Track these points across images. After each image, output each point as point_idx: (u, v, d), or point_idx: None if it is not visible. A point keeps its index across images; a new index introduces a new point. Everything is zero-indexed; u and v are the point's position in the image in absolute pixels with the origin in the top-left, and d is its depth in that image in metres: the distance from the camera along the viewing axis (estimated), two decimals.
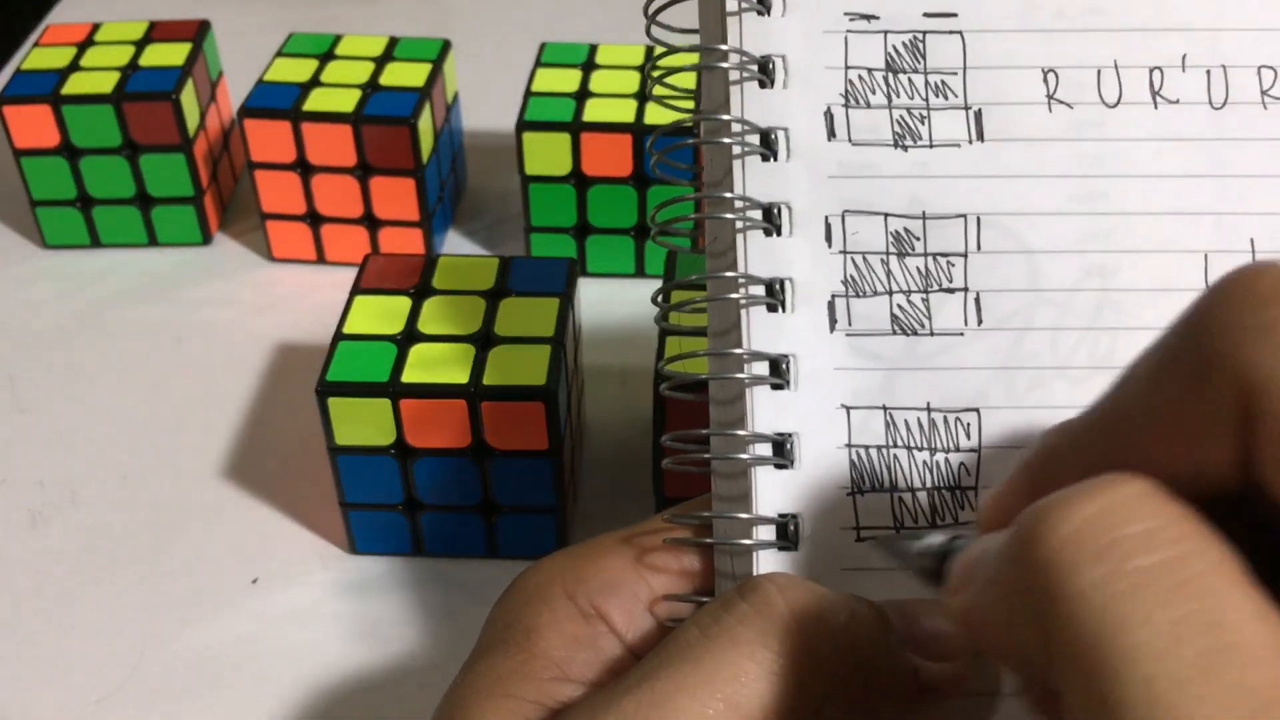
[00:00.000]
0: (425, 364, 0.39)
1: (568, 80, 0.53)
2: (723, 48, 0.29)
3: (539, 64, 0.55)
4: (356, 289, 0.42)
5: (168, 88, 0.53)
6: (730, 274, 0.28)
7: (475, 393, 0.39)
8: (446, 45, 0.56)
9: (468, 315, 0.41)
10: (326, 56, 0.55)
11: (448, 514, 0.41)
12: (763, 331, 0.28)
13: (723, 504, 0.29)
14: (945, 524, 0.28)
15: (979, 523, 0.23)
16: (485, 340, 0.40)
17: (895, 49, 0.29)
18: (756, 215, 0.28)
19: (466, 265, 0.44)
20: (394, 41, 0.56)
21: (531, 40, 0.59)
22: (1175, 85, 0.28)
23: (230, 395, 0.49)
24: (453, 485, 0.41)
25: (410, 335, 0.40)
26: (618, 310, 0.53)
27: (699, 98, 0.30)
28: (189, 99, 0.54)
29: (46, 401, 0.49)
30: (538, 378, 0.39)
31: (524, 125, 0.51)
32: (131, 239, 0.56)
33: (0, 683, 0.39)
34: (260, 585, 0.42)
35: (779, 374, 0.28)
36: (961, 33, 0.29)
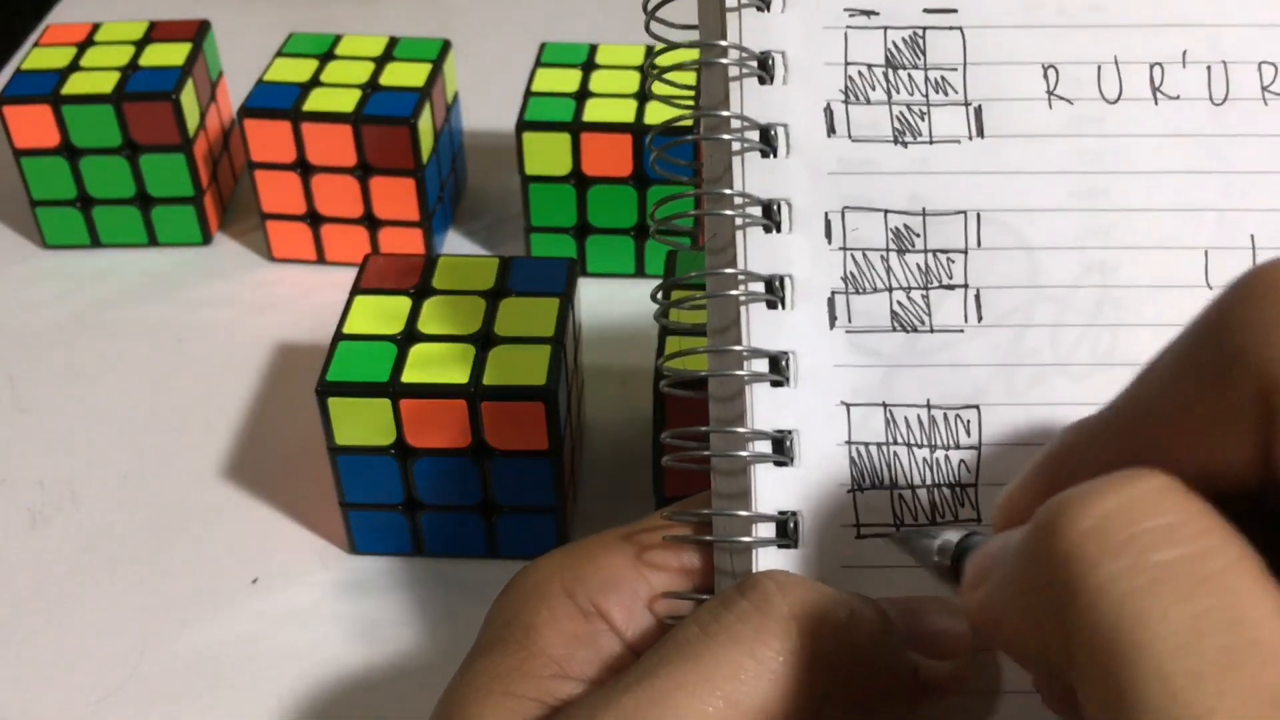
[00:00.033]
0: (425, 364, 0.39)
1: (568, 80, 0.53)
2: (722, 44, 0.28)
3: (539, 64, 0.55)
4: (356, 289, 0.42)
5: (168, 88, 0.53)
6: (730, 271, 0.28)
7: (475, 393, 0.39)
8: (446, 45, 0.56)
9: (468, 315, 0.41)
10: (326, 56, 0.55)
11: (448, 514, 0.41)
12: (762, 328, 0.28)
13: (722, 501, 0.29)
14: (957, 521, 0.28)
15: (992, 520, 0.23)
16: (485, 340, 0.40)
17: (895, 45, 0.29)
18: (756, 212, 0.28)
19: (466, 265, 0.44)
20: (394, 41, 0.56)
21: (531, 40, 0.59)
22: (1176, 81, 0.28)
23: (230, 395, 0.49)
24: (453, 485, 0.41)
25: (410, 335, 0.40)
26: (618, 310, 0.53)
27: (698, 94, 0.30)
28: (189, 99, 0.54)
29: (46, 401, 0.49)
30: (538, 378, 0.39)
31: (524, 125, 0.51)
32: (131, 239, 0.56)
33: (0, 683, 0.39)
34: (260, 585, 0.42)
35: (779, 371, 0.28)
36: (962, 28, 0.29)
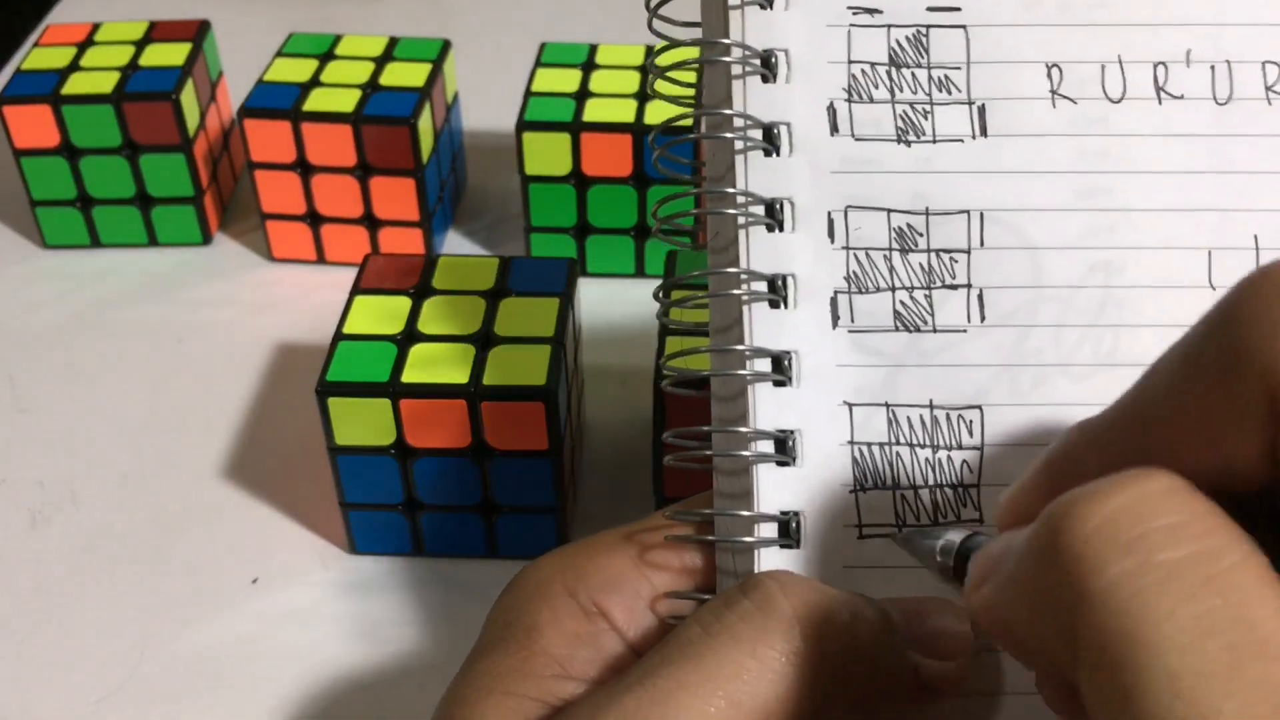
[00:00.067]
0: (425, 364, 0.39)
1: (568, 80, 0.53)
2: (725, 42, 0.28)
3: (539, 64, 0.55)
4: (356, 289, 0.42)
5: (168, 88, 0.53)
6: (732, 270, 0.28)
7: (475, 393, 0.39)
8: (446, 45, 0.56)
9: (468, 315, 0.41)
10: (326, 56, 0.55)
11: (448, 514, 0.41)
12: (765, 328, 0.28)
13: (724, 501, 0.29)
14: (960, 521, 0.28)
15: (996, 520, 0.23)
16: (485, 340, 0.40)
17: (898, 43, 0.29)
18: (759, 211, 0.28)
19: (466, 265, 0.44)
20: (394, 41, 0.56)
21: (531, 40, 0.59)
22: (1179, 81, 0.28)
23: (230, 395, 0.49)
24: (453, 485, 0.41)
25: (410, 335, 0.40)
26: (618, 310, 0.53)
27: (700, 92, 0.30)
28: (189, 99, 0.54)
29: (46, 401, 0.49)
30: (538, 378, 0.39)
31: (524, 125, 0.51)
32: (131, 239, 0.56)
33: (0, 683, 0.39)
34: (260, 585, 0.42)
35: (781, 370, 0.28)
36: (965, 27, 0.29)
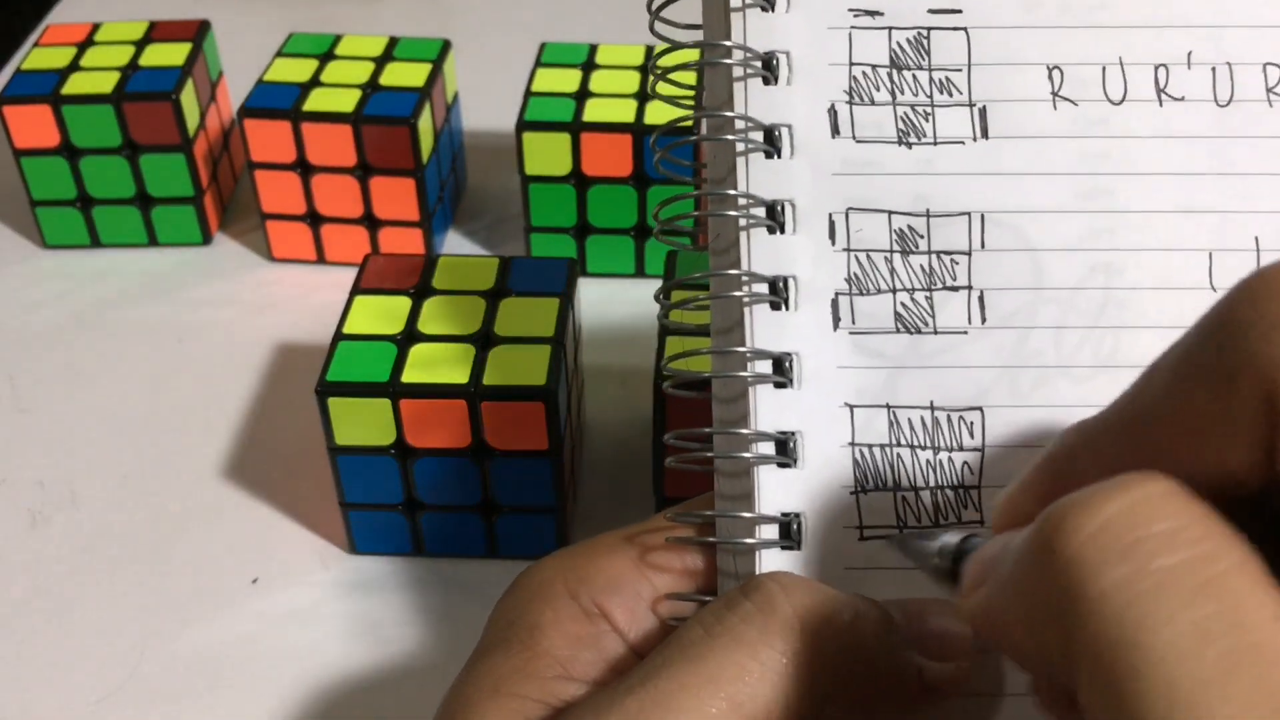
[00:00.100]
0: (425, 364, 0.39)
1: (568, 80, 0.53)
2: (726, 44, 0.28)
3: (539, 64, 0.55)
4: (356, 289, 0.42)
5: (168, 88, 0.53)
6: (733, 272, 0.28)
7: (475, 393, 0.39)
8: (446, 45, 0.56)
9: (468, 315, 0.41)
10: (326, 56, 0.55)
11: (448, 514, 0.41)
12: (766, 329, 0.28)
13: (725, 503, 0.29)
14: (957, 523, 0.28)
15: (992, 521, 0.22)
16: (485, 340, 0.40)
17: (900, 45, 0.29)
18: (760, 213, 0.28)
19: (466, 265, 0.44)
20: (394, 41, 0.56)
21: (531, 40, 0.59)
22: (1180, 82, 0.28)
23: (230, 395, 0.49)
24: (453, 485, 0.41)
25: (410, 335, 0.40)
26: (618, 310, 0.53)
27: (701, 94, 0.30)
28: (189, 99, 0.54)
29: (46, 401, 0.49)
30: (538, 378, 0.39)
31: (524, 125, 0.51)
32: (131, 239, 0.56)
33: (0, 683, 0.39)
34: (260, 585, 0.42)
35: (782, 372, 0.28)
36: (966, 29, 0.29)
